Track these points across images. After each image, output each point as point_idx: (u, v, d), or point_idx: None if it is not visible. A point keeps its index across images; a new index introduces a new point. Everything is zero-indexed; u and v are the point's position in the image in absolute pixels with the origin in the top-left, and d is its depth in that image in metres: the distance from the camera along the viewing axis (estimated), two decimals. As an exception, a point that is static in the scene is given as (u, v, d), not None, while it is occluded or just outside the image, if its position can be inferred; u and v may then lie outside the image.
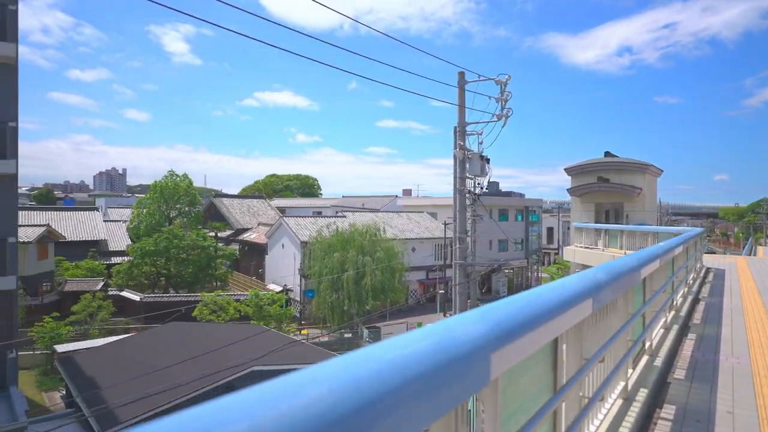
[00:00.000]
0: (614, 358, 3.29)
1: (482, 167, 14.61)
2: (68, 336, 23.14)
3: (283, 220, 38.68)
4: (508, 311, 1.60)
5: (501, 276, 46.22)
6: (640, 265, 3.62)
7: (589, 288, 2.40)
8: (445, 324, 1.35)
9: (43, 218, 42.25)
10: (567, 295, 2.13)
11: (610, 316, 3.24)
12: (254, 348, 15.00)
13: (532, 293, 1.95)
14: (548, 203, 75.40)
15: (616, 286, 2.87)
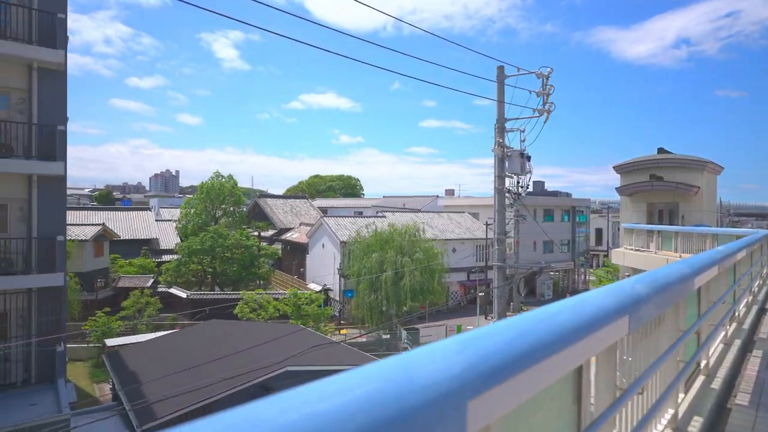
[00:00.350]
0: (660, 383, 2.81)
1: (522, 165, 13.95)
2: (118, 330, 24.18)
3: (323, 220, 38.98)
4: (503, 338, 1.22)
5: (546, 278, 44.65)
6: (693, 273, 3.10)
7: (624, 303, 1.98)
8: (404, 359, 1.00)
9: (100, 218, 44.61)
10: (593, 312, 1.72)
11: (655, 333, 2.76)
12: (290, 347, 15.00)
13: (545, 312, 1.57)
14: (597, 203, 72.33)
15: (662, 299, 2.41)
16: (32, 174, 12.75)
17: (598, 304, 1.83)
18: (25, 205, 12.94)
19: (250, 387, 13.02)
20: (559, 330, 1.47)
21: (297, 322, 22.22)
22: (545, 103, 13.75)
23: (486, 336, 1.22)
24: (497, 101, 13.93)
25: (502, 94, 13.95)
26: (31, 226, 12.91)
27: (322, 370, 13.87)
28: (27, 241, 12.77)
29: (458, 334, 1.23)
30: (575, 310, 1.66)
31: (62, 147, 13.09)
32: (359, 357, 16.33)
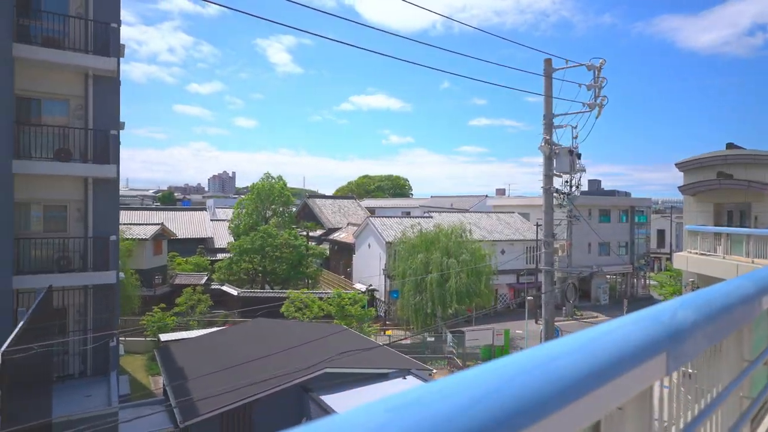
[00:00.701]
0: (718, 428, 2.33)
1: (572, 163, 13.14)
2: (172, 326, 25.26)
3: (369, 220, 39.01)
4: (459, 400, 0.87)
5: (601, 282, 42.49)
6: (758, 292, 2.58)
7: (660, 335, 1.57)
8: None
9: (160, 218, 46.98)
10: (613, 352, 1.34)
11: (709, 367, 2.29)
12: (331, 348, 14.97)
13: (541, 354, 1.21)
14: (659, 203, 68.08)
15: (717, 327, 1.96)
16: (88, 176, 13.42)
17: (622, 340, 1.43)
18: (82, 206, 13.64)
19: (289, 387, 13.07)
20: (557, 380, 1.11)
21: (340, 323, 22.26)
22: (597, 96, 12.88)
23: (434, 395, 0.88)
24: (544, 96, 13.20)
25: (549, 89, 13.21)
26: (87, 226, 13.58)
27: (361, 373, 13.71)
28: (83, 240, 13.44)
29: (391, 396, 0.89)
30: (585, 350, 1.29)
31: (115, 150, 13.67)
32: (401, 360, 16.05)
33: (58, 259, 13.11)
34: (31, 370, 8.62)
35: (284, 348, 15.46)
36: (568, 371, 1.15)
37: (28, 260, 12.87)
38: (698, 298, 2.01)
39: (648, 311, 1.77)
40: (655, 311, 1.76)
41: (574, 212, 37.39)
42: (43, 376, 9.74)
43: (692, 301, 1.92)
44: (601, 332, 1.44)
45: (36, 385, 9.13)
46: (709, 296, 2.06)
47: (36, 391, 9.20)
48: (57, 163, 12.86)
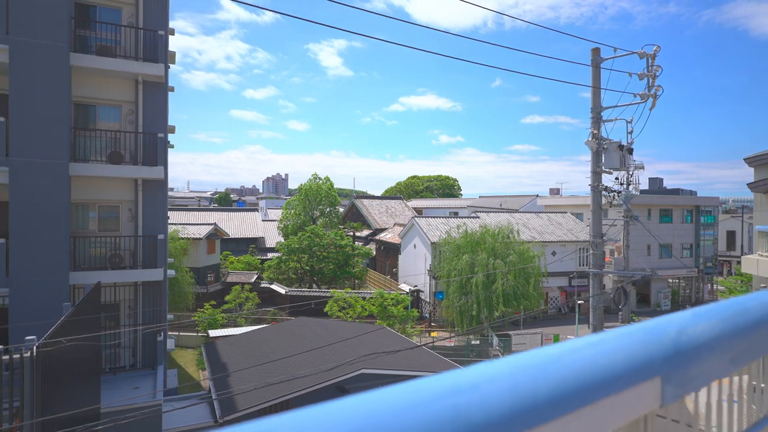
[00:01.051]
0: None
1: (622, 159, 12.28)
2: (222, 322, 26.13)
3: (414, 220, 38.71)
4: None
5: (662, 286, 39.93)
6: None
7: (654, 355, 1.25)
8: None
9: (214, 218, 48.95)
10: (582, 373, 1.04)
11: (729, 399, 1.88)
12: (370, 348, 14.88)
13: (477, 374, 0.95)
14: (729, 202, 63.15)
15: (738, 350, 1.58)
16: (137, 178, 14.04)
17: (599, 358, 1.13)
18: (132, 206, 14.30)
19: (325, 386, 13.06)
20: (497, 408, 0.84)
21: (383, 323, 22.15)
22: (650, 86, 11.97)
23: None
24: (592, 87, 12.44)
25: (597, 80, 12.43)
26: (137, 225, 14.22)
27: (397, 375, 13.49)
28: (134, 239, 14.08)
29: None
30: (546, 370, 1.00)
31: (163, 153, 14.21)
32: (440, 363, 15.69)
33: (110, 257, 13.79)
34: (79, 361, 9.04)
35: (323, 346, 15.53)
36: (514, 395, 0.88)
37: (84, 257, 13.63)
38: (720, 310, 1.64)
39: (647, 324, 1.44)
40: (656, 324, 1.42)
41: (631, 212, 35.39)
42: (92, 368, 10.23)
43: (709, 314, 1.56)
44: (578, 346, 1.14)
45: (84, 375, 9.58)
46: (736, 308, 1.68)
47: (84, 381, 9.66)
48: (109, 165, 13.54)
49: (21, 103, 12.01)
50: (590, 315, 12.78)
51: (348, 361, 13.51)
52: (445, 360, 16.28)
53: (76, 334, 8.20)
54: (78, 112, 13.98)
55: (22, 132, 12.04)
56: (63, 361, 7.15)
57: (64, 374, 7.49)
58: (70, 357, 7.86)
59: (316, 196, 44.03)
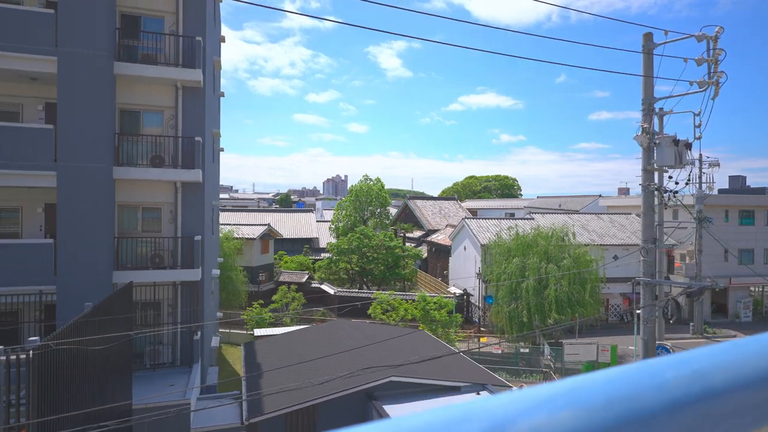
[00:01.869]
0: None
1: (677, 155, 10.98)
2: (270, 321, 26.69)
3: (465, 221, 37.70)
4: None
5: (743, 296, 36.20)
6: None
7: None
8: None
9: (270, 219, 50.42)
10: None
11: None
12: (405, 354, 14.44)
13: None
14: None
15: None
16: (176, 181, 14.49)
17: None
18: (172, 208, 14.77)
19: (354, 393, 12.78)
20: None
21: (425, 328, 21.60)
22: (712, 73, 10.61)
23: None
24: (643, 76, 11.25)
25: (650, 67, 11.23)
26: (176, 226, 14.68)
27: (429, 384, 12.94)
28: (173, 240, 14.54)
29: None
30: None
31: (200, 156, 14.56)
32: (478, 373, 14.92)
33: (151, 257, 14.32)
34: (103, 359, 9.32)
35: (358, 350, 15.27)
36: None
37: (128, 257, 14.24)
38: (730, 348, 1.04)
39: (628, 368, 0.91)
40: (644, 366, 0.89)
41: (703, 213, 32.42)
42: (120, 365, 10.57)
43: (724, 350, 0.97)
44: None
45: (109, 373, 9.88)
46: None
47: (109, 378, 9.97)
48: (150, 168, 14.06)
49: (68, 111, 12.73)
50: (641, 328, 11.55)
51: (378, 366, 13.15)
52: (482, 369, 15.48)
53: (97, 333, 8.41)
54: (123, 119, 14.64)
55: (69, 138, 12.74)
56: (75, 359, 7.35)
57: (77, 372, 7.70)
58: (86, 355, 8.07)
59: (367, 197, 44.12)
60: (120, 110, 14.54)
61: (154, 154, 14.44)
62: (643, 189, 11.32)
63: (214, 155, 20.64)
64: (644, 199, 11.46)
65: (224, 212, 53.93)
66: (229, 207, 64.13)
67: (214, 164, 20.73)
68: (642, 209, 11.54)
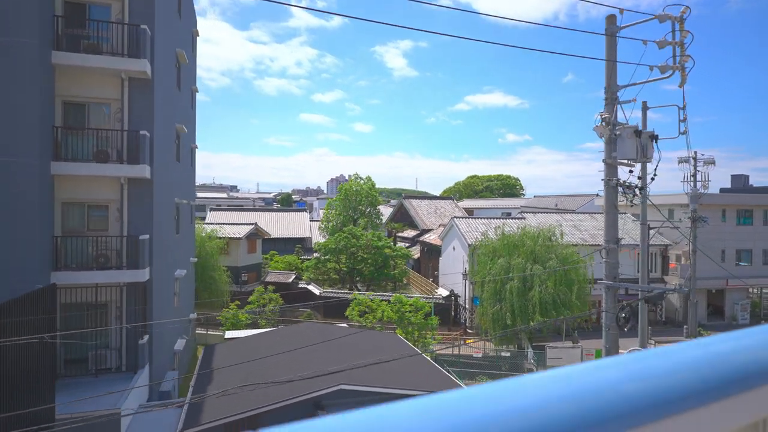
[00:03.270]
0: None
1: (642, 148, 10.10)
2: (246, 323, 25.98)
3: (453, 221, 36.85)
4: None
5: (740, 297, 35.08)
6: None
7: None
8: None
9: (263, 219, 49.85)
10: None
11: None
12: (364, 359, 13.64)
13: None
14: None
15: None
16: (121, 177, 13.79)
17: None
18: (119, 206, 14.08)
19: (301, 403, 12.01)
20: None
21: (400, 332, 20.81)
22: (677, 56, 9.73)
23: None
24: (606, 60, 10.38)
25: (612, 51, 10.36)
26: (122, 225, 13.98)
27: (379, 393, 12.14)
28: (119, 239, 13.84)
29: None
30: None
31: (147, 151, 13.85)
32: (441, 379, 14.09)
33: (96, 257, 13.63)
34: (23, 364, 8.62)
35: (317, 355, 14.51)
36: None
37: (73, 257, 13.56)
38: None
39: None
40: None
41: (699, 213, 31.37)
42: (41, 370, 9.87)
43: None
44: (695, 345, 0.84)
45: (30, 379, 9.18)
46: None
47: (30, 385, 9.27)
48: (91, 164, 13.38)
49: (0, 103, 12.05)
50: (603, 335, 10.69)
51: (330, 376, 12.38)
52: (446, 375, 14.66)
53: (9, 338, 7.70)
54: (67, 111, 13.96)
55: (1, 131, 12.06)
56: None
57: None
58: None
59: (356, 196, 43.34)
60: (64, 102, 13.87)
61: (98, 148, 13.75)
62: (605, 184, 10.46)
63: (180, 152, 19.95)
64: (606, 196, 10.61)
65: (219, 212, 53.39)
66: (224, 206, 63.59)
67: (180, 162, 20.05)
68: (605, 207, 10.69)
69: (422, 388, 13.00)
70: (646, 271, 20.44)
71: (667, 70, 9.34)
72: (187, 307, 22.98)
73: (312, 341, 16.13)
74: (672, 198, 36.00)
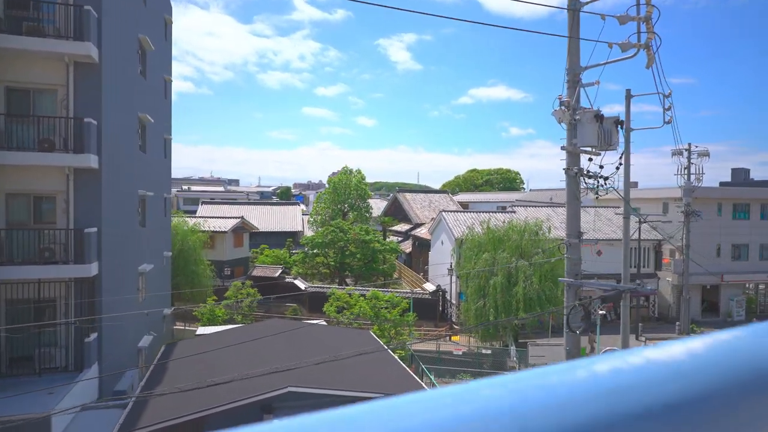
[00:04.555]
0: None
1: (605, 135, 9.31)
2: (224, 318, 25.38)
3: (442, 214, 36.10)
4: None
5: (736, 293, 34.26)
6: None
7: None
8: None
9: (255, 212, 49.27)
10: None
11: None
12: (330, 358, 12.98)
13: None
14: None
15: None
16: (65, 167, 13.11)
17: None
18: (65, 197, 13.41)
19: (248, 405, 11.37)
20: None
21: (375, 330, 20.16)
22: (642, 32, 8.92)
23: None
24: (568, 38, 9.58)
25: (575, 28, 9.55)
26: (68, 218, 13.32)
27: (335, 396, 11.48)
28: (65, 232, 13.19)
29: None
30: None
31: (93, 140, 13.17)
32: (405, 380, 13.42)
33: (41, 251, 12.99)
34: None
35: (275, 354, 13.88)
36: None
37: (17, 251, 12.92)
38: None
39: None
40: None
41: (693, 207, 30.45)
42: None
43: None
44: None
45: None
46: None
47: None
48: (35, 153, 12.70)
49: (-71, 88, 11.36)
50: (564, 337, 9.98)
51: (278, 377, 11.73)
52: (411, 376, 13.99)
53: None
54: (11, 98, 13.28)
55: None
56: None
57: None
58: None
59: (345, 189, 42.60)
60: (7, 89, 13.19)
61: (42, 137, 13.07)
62: (566, 173, 9.70)
63: (147, 142, 19.28)
64: (568, 186, 9.86)
65: (210, 205, 52.83)
66: (218, 200, 63.00)
67: (147, 153, 19.37)
68: (566, 198, 9.95)
69: (377, 389, 12.34)
70: (627, 267, 19.69)
71: (630, 49, 8.54)
72: (160, 302, 22.39)
73: (275, 339, 15.49)
74: (665, 192, 35.10)
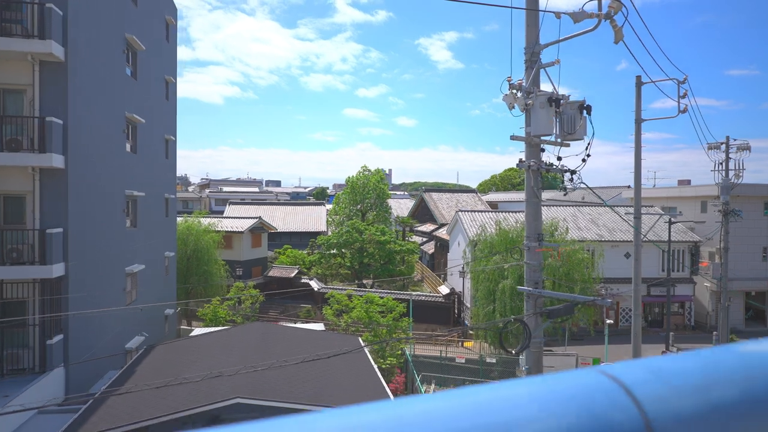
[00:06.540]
0: None
1: (567, 121, 8.01)
2: (227, 318, 25.20)
3: (458, 214, 34.73)
4: None
5: (785, 301, 31.03)
6: None
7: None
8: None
9: (274, 212, 49.44)
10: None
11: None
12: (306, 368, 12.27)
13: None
14: None
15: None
16: (28, 166, 13.01)
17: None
18: (32, 197, 13.33)
19: (196, 415, 10.78)
20: None
21: (366, 336, 19.28)
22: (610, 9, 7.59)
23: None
24: (526, 10, 8.35)
25: (534, 1, 8.31)
26: (34, 218, 13.23)
27: (280, 408, 10.70)
28: (32, 232, 13.10)
29: None
30: None
31: (59, 140, 13.01)
32: (375, 388, 12.47)
33: (8, 252, 12.95)
34: None
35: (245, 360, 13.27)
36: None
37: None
38: None
39: None
40: None
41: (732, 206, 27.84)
42: None
43: None
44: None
45: None
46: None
47: None
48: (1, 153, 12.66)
49: None
50: (526, 345, 8.74)
51: (230, 387, 11.08)
52: (381, 384, 13.01)
53: None
54: (-21, 99, 13.32)
55: None
56: None
57: None
58: None
59: (363, 189, 41.87)
60: (-24, 90, 13.24)
61: (10, 137, 13.03)
62: (519, 168, 8.46)
63: (138, 143, 19.24)
64: (526, 182, 8.60)
65: (238, 206, 53.67)
66: (248, 200, 64.03)
67: (138, 153, 19.33)
68: (525, 195, 8.70)
69: (336, 401, 11.46)
70: (638, 271, 17.89)
71: (584, 18, 7.23)
72: (158, 303, 22.39)
73: (254, 343, 14.92)
74: (704, 189, 32.28)
